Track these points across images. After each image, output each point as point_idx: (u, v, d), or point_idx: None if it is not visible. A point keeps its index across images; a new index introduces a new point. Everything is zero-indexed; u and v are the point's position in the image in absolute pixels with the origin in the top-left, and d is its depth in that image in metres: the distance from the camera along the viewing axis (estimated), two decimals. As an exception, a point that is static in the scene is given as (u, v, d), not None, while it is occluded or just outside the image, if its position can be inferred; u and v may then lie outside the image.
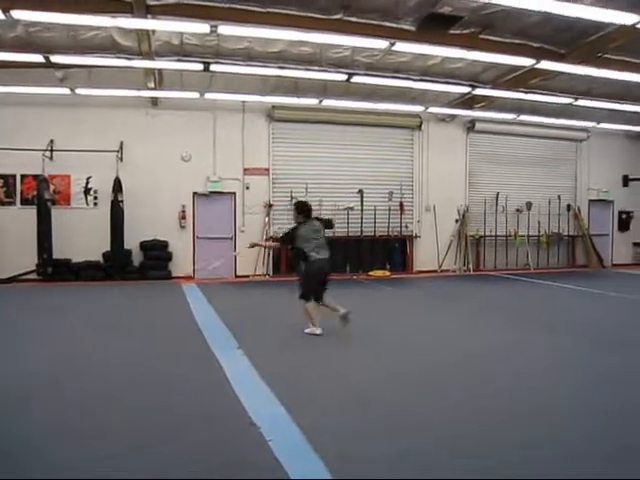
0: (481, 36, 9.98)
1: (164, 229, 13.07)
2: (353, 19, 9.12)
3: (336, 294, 7.38)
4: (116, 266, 12.42)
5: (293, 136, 14.20)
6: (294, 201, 8.98)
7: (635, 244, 18.39)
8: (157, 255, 12.96)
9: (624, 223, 18.16)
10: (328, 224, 8.13)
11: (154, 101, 12.97)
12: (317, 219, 7.90)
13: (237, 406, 4.34)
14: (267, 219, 13.80)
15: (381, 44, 9.45)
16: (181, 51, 10.66)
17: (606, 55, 10.78)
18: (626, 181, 18.10)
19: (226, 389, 4.78)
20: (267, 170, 13.94)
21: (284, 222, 13.80)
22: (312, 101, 13.06)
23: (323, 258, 7.37)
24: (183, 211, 13.36)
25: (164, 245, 13.07)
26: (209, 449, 3.57)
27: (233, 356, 5.97)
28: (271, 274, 13.90)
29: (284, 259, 13.91)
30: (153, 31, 9.42)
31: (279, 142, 14.11)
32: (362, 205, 14.56)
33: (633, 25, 8.36)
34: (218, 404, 4.43)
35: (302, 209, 7.53)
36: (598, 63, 10.86)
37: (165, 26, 8.97)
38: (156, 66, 10.91)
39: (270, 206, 13.87)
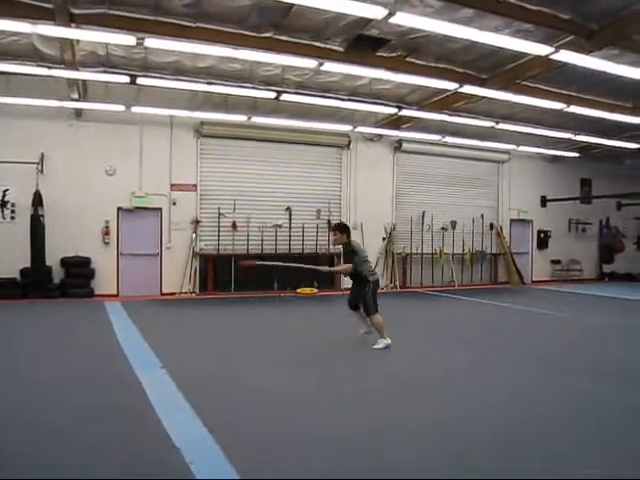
0: (407, 59, 10.28)
1: (87, 245, 12.58)
2: (283, 38, 9.17)
3: (261, 311, 7.34)
4: (35, 283, 11.83)
5: (222, 152, 14.06)
6: (334, 223, 8.64)
7: (553, 261, 19.29)
8: (79, 272, 12.40)
9: (543, 242, 19.03)
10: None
11: (78, 112, 12.53)
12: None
13: (158, 428, 4.20)
14: (194, 235, 13.56)
15: (310, 63, 9.54)
16: (107, 62, 10.39)
17: (524, 82, 11.36)
18: (544, 202, 18.97)
19: (147, 411, 4.62)
20: (195, 186, 13.72)
21: (211, 238, 13.72)
22: (241, 118, 12.98)
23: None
24: (107, 227, 12.89)
25: (86, 262, 12.56)
26: (128, 474, 3.43)
27: (156, 376, 5.78)
28: (198, 292, 13.64)
29: (211, 276, 13.72)
30: (77, 40, 9.14)
31: (207, 158, 13.94)
32: (290, 223, 14.57)
33: (547, 56, 8.88)
34: (138, 427, 4.27)
35: (347, 229, 7.92)
36: (517, 89, 11.41)
37: (89, 36, 8.62)
38: (80, 77, 10.54)
39: (197, 222, 13.65)
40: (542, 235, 19.05)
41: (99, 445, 3.87)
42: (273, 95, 11.42)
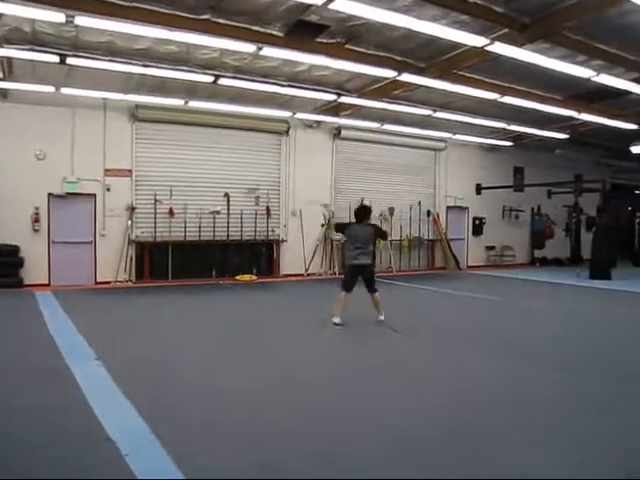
0: (347, 46, 10.24)
1: (15, 233, 12.01)
2: (221, 21, 8.94)
3: (199, 300, 7.23)
4: (-42, 273, 11.30)
5: (158, 137, 13.71)
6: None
7: (487, 247, 19.85)
8: (6, 261, 11.85)
9: (478, 228, 19.55)
10: (381, 233, 9.01)
11: (3, 93, 11.91)
12: (370, 225, 8.68)
13: (93, 420, 4.08)
14: (130, 222, 13.20)
15: (249, 48, 9.37)
16: (34, 40, 9.78)
17: (461, 72, 11.54)
18: (479, 189, 19.44)
19: (80, 404, 4.47)
20: (130, 171, 13.33)
21: (148, 225, 13.40)
22: (178, 102, 12.67)
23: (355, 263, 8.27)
24: (37, 213, 12.35)
25: (14, 250, 11.99)
26: (59, 468, 3.33)
27: (90, 368, 5.61)
28: (134, 280, 13.32)
29: (147, 264, 13.41)
30: (0, 15, 8.62)
31: (143, 143, 13.55)
32: (228, 209, 14.40)
33: (482, 47, 9.12)
34: (70, 420, 4.14)
35: (357, 213, 8.61)
36: (453, 79, 11.60)
37: (12, 10, 8.03)
38: (4, 54, 9.97)
39: (133, 209, 13.29)
40: (477, 222, 19.57)
41: (28, 441, 3.72)
42: (211, 79, 11.19)
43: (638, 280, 15.52)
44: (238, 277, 14.14)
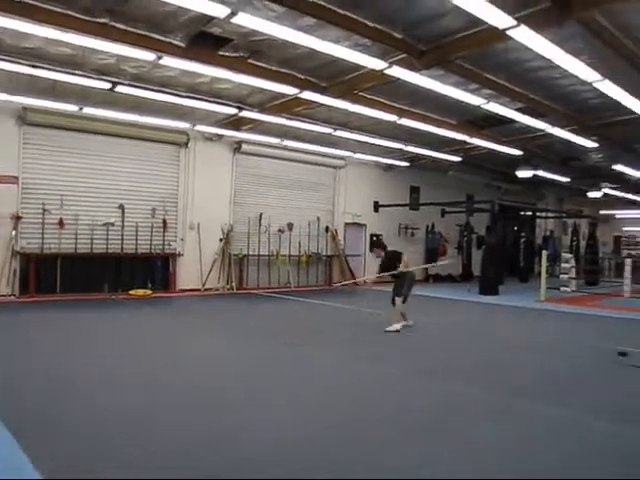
0: (249, 61, 10.20)
1: None
2: (120, 26, 8.60)
3: (90, 315, 6.88)
4: None
5: (49, 143, 12.95)
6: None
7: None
8: None
9: (375, 245, 19.89)
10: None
11: None
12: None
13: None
14: (14, 232, 12.37)
15: (148, 56, 9.10)
16: None
17: (361, 93, 11.82)
18: (377, 207, 19.97)
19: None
20: (16, 178, 12.48)
21: (35, 236, 12.64)
22: (72, 107, 12.08)
23: None
24: None
25: None
26: None
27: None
28: (17, 294, 12.46)
29: (33, 277, 12.58)
30: None
31: (32, 148, 12.74)
32: (123, 221, 13.87)
33: (381, 70, 9.43)
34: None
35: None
36: (354, 99, 11.86)
37: None
38: None
39: (18, 218, 12.46)
40: (374, 238, 19.98)
41: None
42: (108, 86, 10.77)
43: (522, 295, 16.43)
44: (132, 292, 13.59)
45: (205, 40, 9.21)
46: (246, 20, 7.39)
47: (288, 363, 6.98)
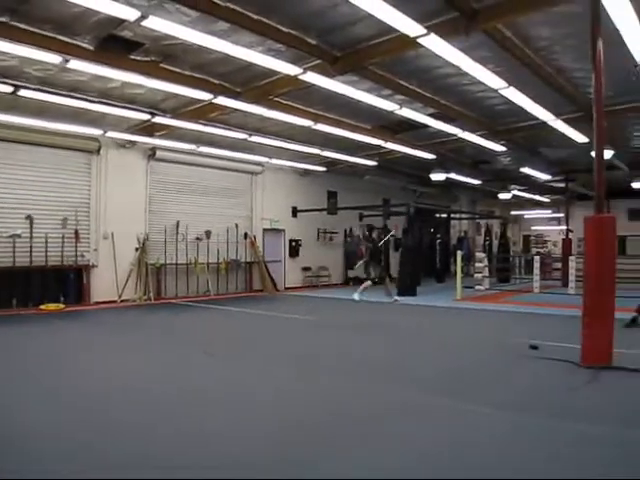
0: (162, 65, 9.98)
1: None
2: (22, 26, 8.18)
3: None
4: None
5: (-55, 151, 12.22)
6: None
7: (304, 268, 20.42)
8: None
9: (294, 250, 20.04)
10: None
11: None
12: None
13: None
14: None
15: (54, 59, 8.73)
16: None
17: (276, 98, 11.82)
18: (295, 212, 20.04)
19: None
20: None
21: None
22: (-30, 113, 11.45)
23: None
24: None
25: None
26: None
27: None
28: None
29: None
30: None
31: None
32: (31, 232, 13.19)
33: (295, 76, 9.52)
34: None
35: None
36: (269, 104, 11.86)
37: None
38: None
39: None
40: (294, 244, 20.08)
41: None
42: (10, 89, 10.25)
43: (439, 295, 16.93)
44: (43, 306, 12.97)
45: (116, 43, 8.93)
46: (158, 24, 7.25)
47: (207, 373, 6.86)
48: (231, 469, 3.77)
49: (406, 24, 7.19)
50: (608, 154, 14.22)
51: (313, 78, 9.64)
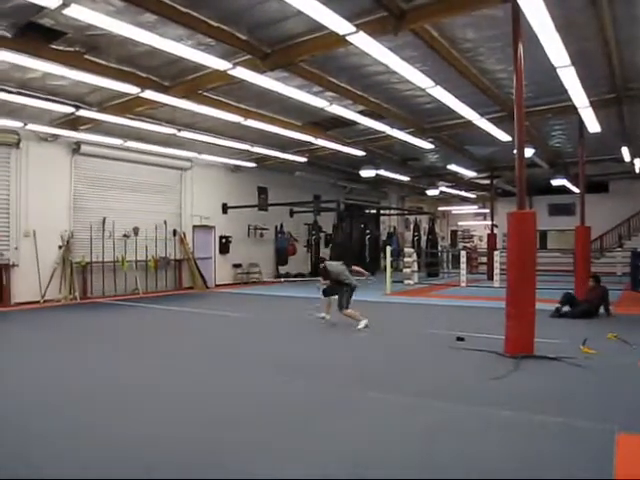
0: (87, 57, 9.63)
1: None
2: None
3: None
4: None
5: None
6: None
7: (234, 265, 20.27)
8: None
9: (225, 247, 19.85)
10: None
11: None
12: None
13: None
14: None
15: (-32, 46, 8.30)
16: None
17: (206, 93, 11.66)
18: (225, 209, 19.85)
19: None
20: None
21: None
22: None
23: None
24: None
25: None
26: None
27: None
28: None
29: None
30: None
31: None
32: (-54, 229, 12.53)
33: (225, 71, 9.39)
34: None
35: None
36: (199, 99, 11.69)
37: None
38: None
39: None
40: (224, 240, 19.88)
41: None
42: None
43: (369, 290, 17.10)
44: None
45: (36, 32, 8.55)
46: (81, 13, 6.97)
47: (133, 373, 6.71)
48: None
49: (335, 22, 7.23)
50: (529, 152, 14.84)
51: (243, 73, 9.55)
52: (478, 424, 4.55)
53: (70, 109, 11.99)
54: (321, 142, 16.04)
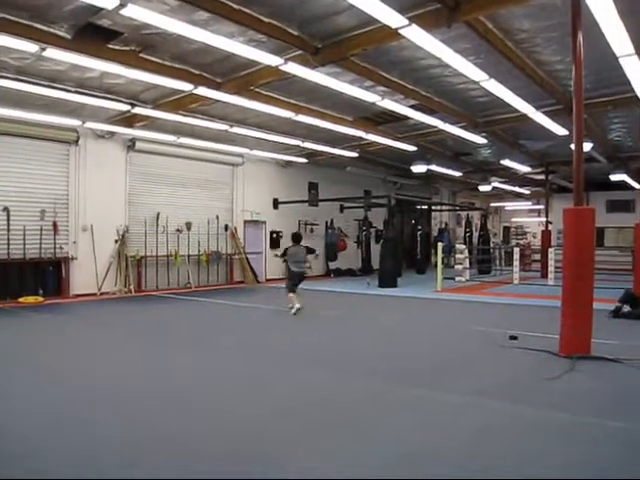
0: (142, 55, 9.84)
1: None
2: (-2, 14, 8.06)
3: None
4: None
5: None
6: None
7: (285, 260, 20.28)
8: None
9: (275, 242, 19.99)
10: (310, 250, 12.04)
11: None
12: (304, 247, 11.86)
13: None
14: None
15: (30, 47, 8.56)
16: None
17: (257, 89, 11.73)
18: (276, 204, 20.00)
19: None
20: None
21: None
22: (-55, 103, 11.20)
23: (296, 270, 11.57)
24: None
25: None
26: None
27: None
28: None
29: None
30: None
31: None
32: (9, 224, 12.99)
33: (277, 67, 9.47)
34: None
35: (293, 238, 12.15)
36: (250, 95, 11.77)
37: None
38: None
39: None
40: (274, 235, 20.04)
41: None
42: (-15, 80, 10.06)
43: (420, 286, 17.02)
44: (22, 299, 12.82)
45: (94, 32, 8.77)
46: (137, 12, 7.14)
47: (191, 365, 6.84)
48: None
49: (388, 15, 7.16)
50: (587, 146, 14.39)
51: (294, 69, 9.59)
52: (531, 426, 4.43)
53: (126, 107, 12.29)
54: (372, 137, 15.96)
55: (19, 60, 9.93)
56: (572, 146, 7.43)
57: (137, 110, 12.57)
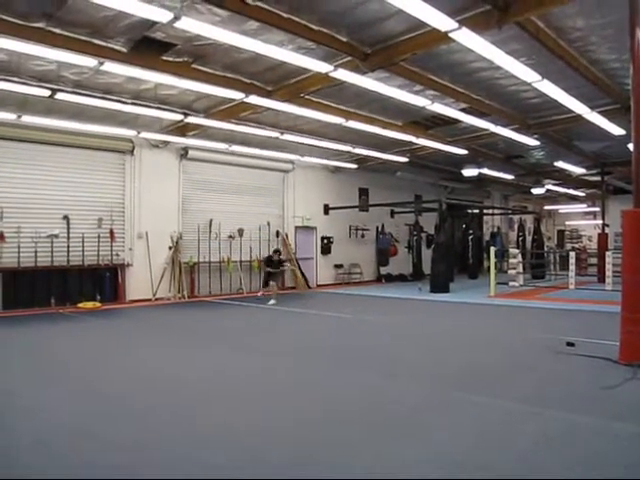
0: (194, 66, 10.09)
1: None
2: (58, 31, 8.36)
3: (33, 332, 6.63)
4: None
5: (-15, 154, 12.51)
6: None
7: (336, 266, 20.44)
8: None
9: (326, 248, 20.08)
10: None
11: None
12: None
13: None
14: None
15: (89, 62, 8.88)
16: None
17: (307, 96, 11.83)
18: (327, 210, 20.06)
19: None
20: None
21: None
22: (9, 116, 11.65)
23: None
24: None
25: None
26: None
27: None
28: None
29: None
30: None
31: (-32, 160, 12.29)
32: (68, 232, 13.48)
33: (326, 73, 9.53)
34: None
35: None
36: (300, 102, 11.89)
37: None
38: None
39: (-44, 233, 12.00)
40: (325, 241, 20.11)
41: None
42: (47, 93, 10.43)
43: (472, 292, 16.77)
44: (81, 305, 13.25)
45: (148, 45, 9.05)
46: (190, 25, 7.30)
47: (244, 367, 6.91)
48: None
49: (437, 19, 7.11)
50: (646, 146, 13.88)
51: (344, 75, 9.63)
52: (590, 436, 4.30)
53: (179, 116, 12.58)
54: (422, 141, 15.86)
55: (78, 74, 10.32)
56: (630, 146, 7.19)
57: (190, 119, 12.84)
